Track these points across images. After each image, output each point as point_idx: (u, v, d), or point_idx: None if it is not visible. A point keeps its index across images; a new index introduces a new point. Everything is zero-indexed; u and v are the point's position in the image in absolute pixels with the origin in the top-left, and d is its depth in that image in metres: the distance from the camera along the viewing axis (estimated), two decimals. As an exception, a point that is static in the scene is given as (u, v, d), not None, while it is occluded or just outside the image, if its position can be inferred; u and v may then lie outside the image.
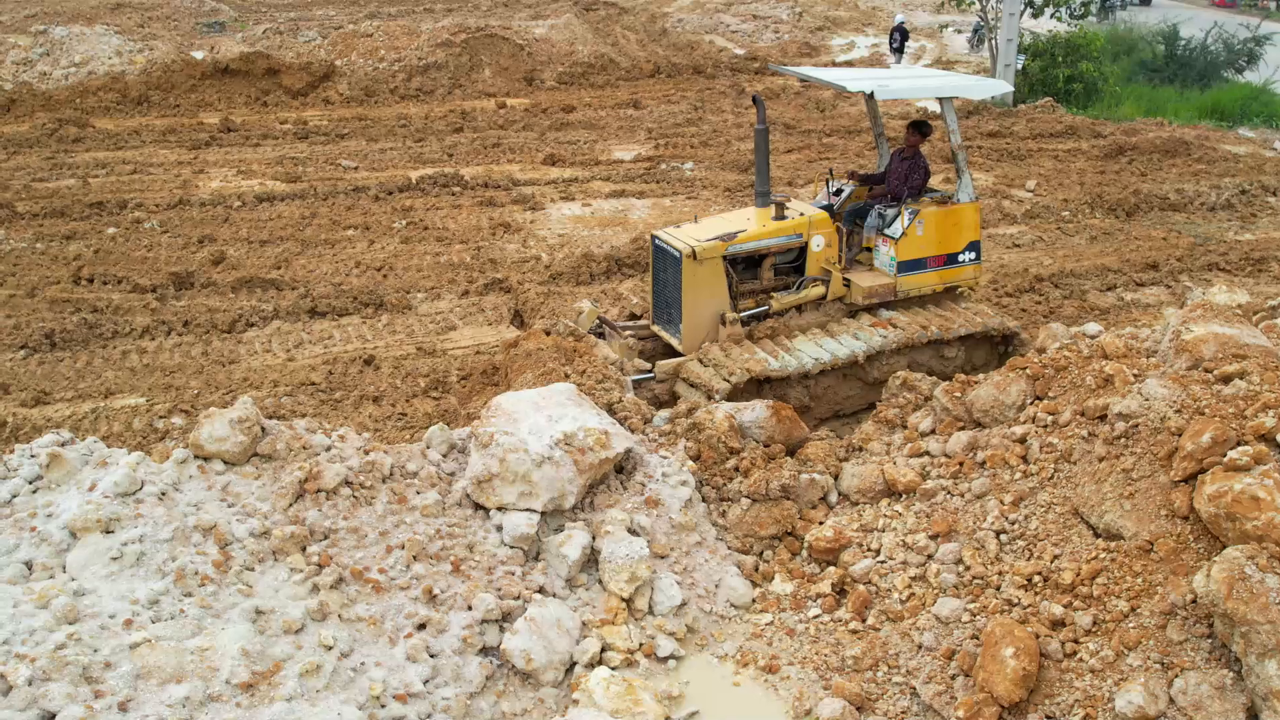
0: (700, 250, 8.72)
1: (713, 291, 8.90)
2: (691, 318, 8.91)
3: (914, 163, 9.62)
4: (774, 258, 9.29)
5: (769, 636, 6.78)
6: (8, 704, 4.83)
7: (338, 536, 6.44)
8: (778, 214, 9.21)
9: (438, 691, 5.96)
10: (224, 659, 5.39)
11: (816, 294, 9.30)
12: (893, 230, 9.26)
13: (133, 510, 6.10)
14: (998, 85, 10.26)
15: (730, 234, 8.95)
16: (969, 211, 9.50)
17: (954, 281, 9.67)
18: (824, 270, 9.34)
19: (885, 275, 9.37)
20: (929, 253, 9.34)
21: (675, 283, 8.89)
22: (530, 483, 6.57)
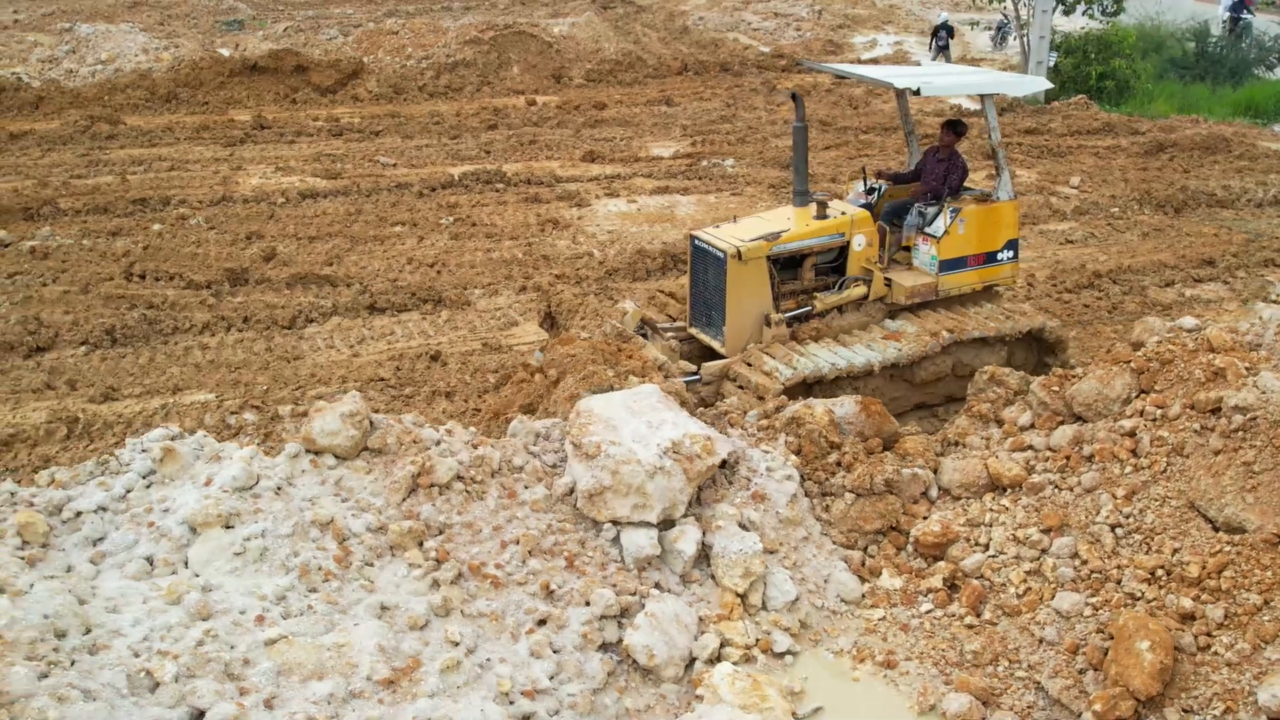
0: (745, 250, 8.62)
1: (756, 292, 8.80)
2: (735, 320, 8.79)
3: (952, 162, 9.53)
4: (815, 258, 9.21)
5: (883, 631, 6.71)
6: (156, 701, 4.75)
7: (452, 531, 6.37)
8: (819, 213, 9.12)
9: (563, 688, 5.88)
10: (361, 655, 5.31)
11: (858, 294, 9.21)
12: (934, 229, 9.20)
13: (251, 505, 6.02)
14: (1038, 82, 10.22)
15: (774, 234, 8.86)
16: (1008, 210, 9.44)
17: (993, 280, 9.61)
18: (865, 270, 9.25)
19: (926, 274, 9.31)
20: (969, 251, 9.29)
21: (718, 284, 8.76)
22: (644, 495, 6.48)
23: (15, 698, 4.35)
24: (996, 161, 9.39)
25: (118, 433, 9.27)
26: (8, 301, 11.95)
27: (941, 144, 9.59)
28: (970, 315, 9.35)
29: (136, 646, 5.00)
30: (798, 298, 9.19)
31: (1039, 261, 13.02)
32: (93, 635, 4.95)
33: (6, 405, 9.77)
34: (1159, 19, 23.20)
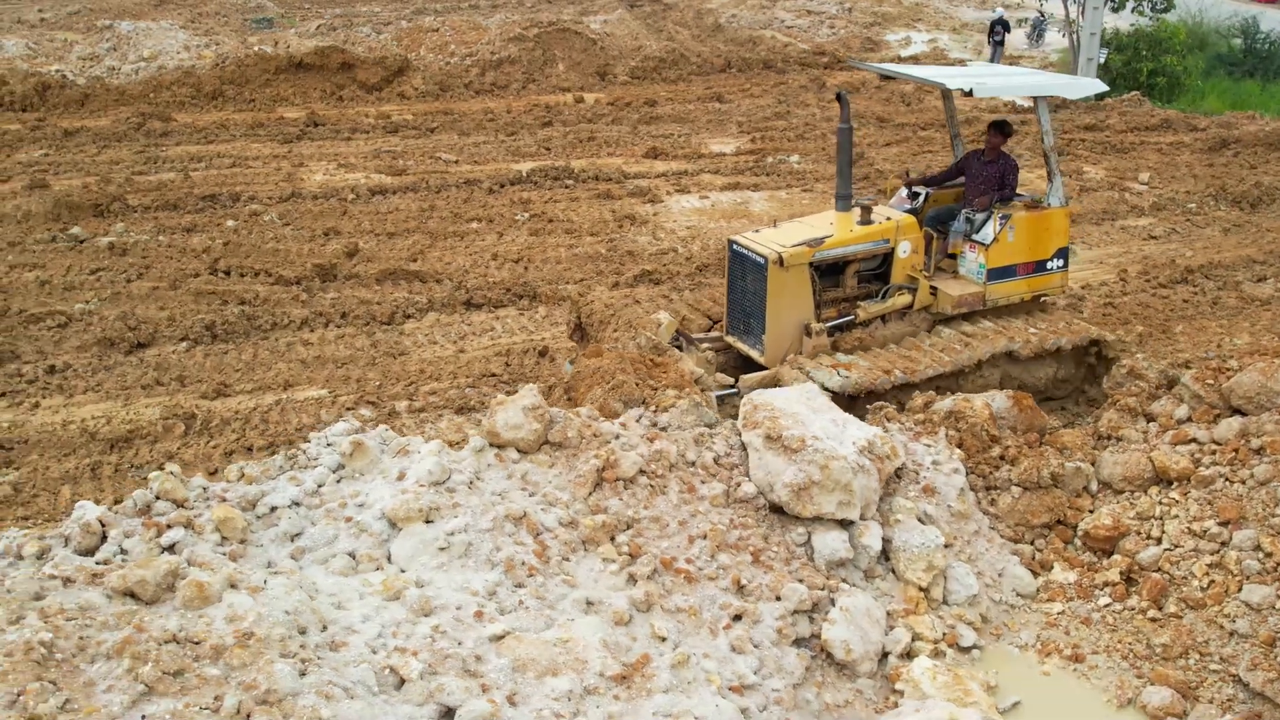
0: (787, 256, 8.22)
1: (798, 300, 8.41)
2: (776, 328, 8.41)
3: (1003, 164, 9.15)
4: (858, 264, 8.79)
5: (1064, 625, 6.66)
6: (405, 698, 4.66)
7: (641, 526, 6.28)
8: (863, 218, 8.70)
9: (766, 683, 5.81)
10: (589, 651, 5.22)
11: (903, 303, 8.84)
12: (983, 236, 8.80)
13: (448, 500, 5.93)
14: (1093, 84, 9.75)
15: (817, 239, 8.47)
16: (1059, 217, 9.03)
17: (1042, 290, 9.20)
18: (910, 278, 8.85)
19: (973, 283, 8.89)
20: (1019, 259, 8.89)
21: (759, 291, 8.38)
22: (850, 492, 6.41)
23: (283, 695, 4.25)
24: (1049, 166, 8.97)
25: (236, 429, 9.17)
26: (96, 298, 11.83)
27: (988, 146, 9.22)
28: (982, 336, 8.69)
29: (373, 643, 4.92)
30: (839, 306, 8.79)
31: (1127, 257, 12.98)
32: (330, 632, 4.86)
33: (117, 401, 9.66)
34: (1201, 16, 23.20)
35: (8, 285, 12.20)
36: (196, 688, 4.22)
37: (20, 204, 14.59)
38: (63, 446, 8.94)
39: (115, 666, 4.28)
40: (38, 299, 11.77)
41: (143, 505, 5.72)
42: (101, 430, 9.11)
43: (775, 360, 8.43)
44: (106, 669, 4.28)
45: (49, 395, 9.77)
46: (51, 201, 14.53)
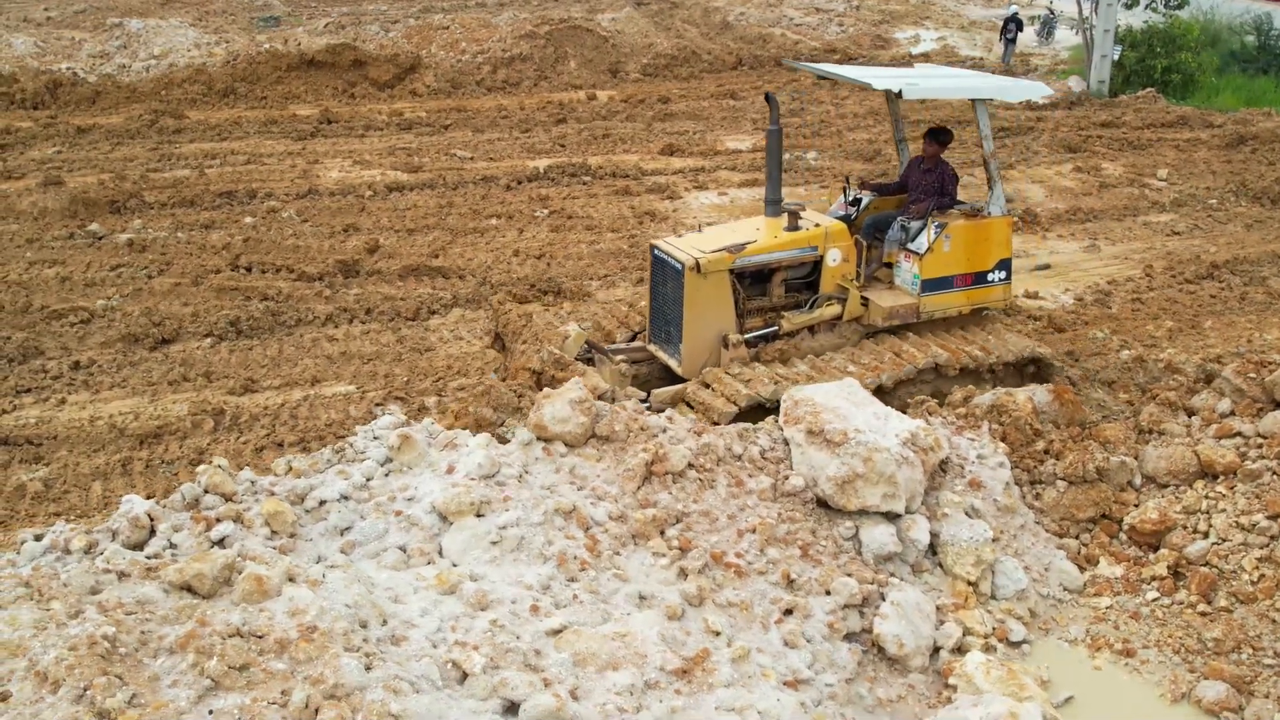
0: (705, 263, 7.86)
1: (717, 309, 8.03)
2: (693, 337, 8.02)
3: (941, 171, 8.83)
4: (785, 272, 8.42)
5: (1113, 620, 6.60)
6: (468, 693, 4.59)
7: (690, 520, 6.23)
8: (791, 224, 8.30)
9: (819, 677, 5.75)
10: (647, 645, 5.16)
11: (831, 314, 8.42)
12: (917, 245, 8.43)
13: (499, 493, 5.88)
14: (1036, 88, 9.12)
15: (738, 245, 8.10)
16: (1000, 227, 8.62)
17: (982, 303, 8.77)
18: (840, 288, 8.46)
19: (907, 294, 8.51)
20: (956, 270, 8.50)
21: (676, 298, 8.02)
22: (894, 484, 6.35)
23: (350, 690, 4.19)
24: (989, 173, 8.60)
25: (265, 424, 9.11)
26: (118, 294, 11.77)
27: (926, 154, 8.90)
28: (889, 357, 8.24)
29: (433, 637, 4.86)
30: (765, 315, 8.42)
31: (1150, 253, 12.93)
32: (390, 626, 4.80)
33: (144, 397, 9.60)
34: (1213, 13, 23.17)
35: (28, 282, 12.14)
36: (263, 682, 4.16)
37: (36, 201, 14.54)
38: (92, 442, 8.88)
39: (179, 661, 4.22)
40: (59, 295, 11.72)
41: (191, 499, 5.67)
42: (130, 426, 9.05)
43: (693, 371, 8.04)
44: (170, 663, 4.22)
45: (75, 391, 9.71)
46: (68, 198, 14.48)
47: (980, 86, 8.65)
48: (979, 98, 8.45)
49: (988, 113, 8.57)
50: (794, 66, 9.91)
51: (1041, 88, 9.15)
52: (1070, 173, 16.09)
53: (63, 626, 4.31)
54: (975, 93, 8.49)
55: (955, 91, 9.07)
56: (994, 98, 8.72)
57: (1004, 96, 9.17)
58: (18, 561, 5.33)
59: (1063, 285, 11.93)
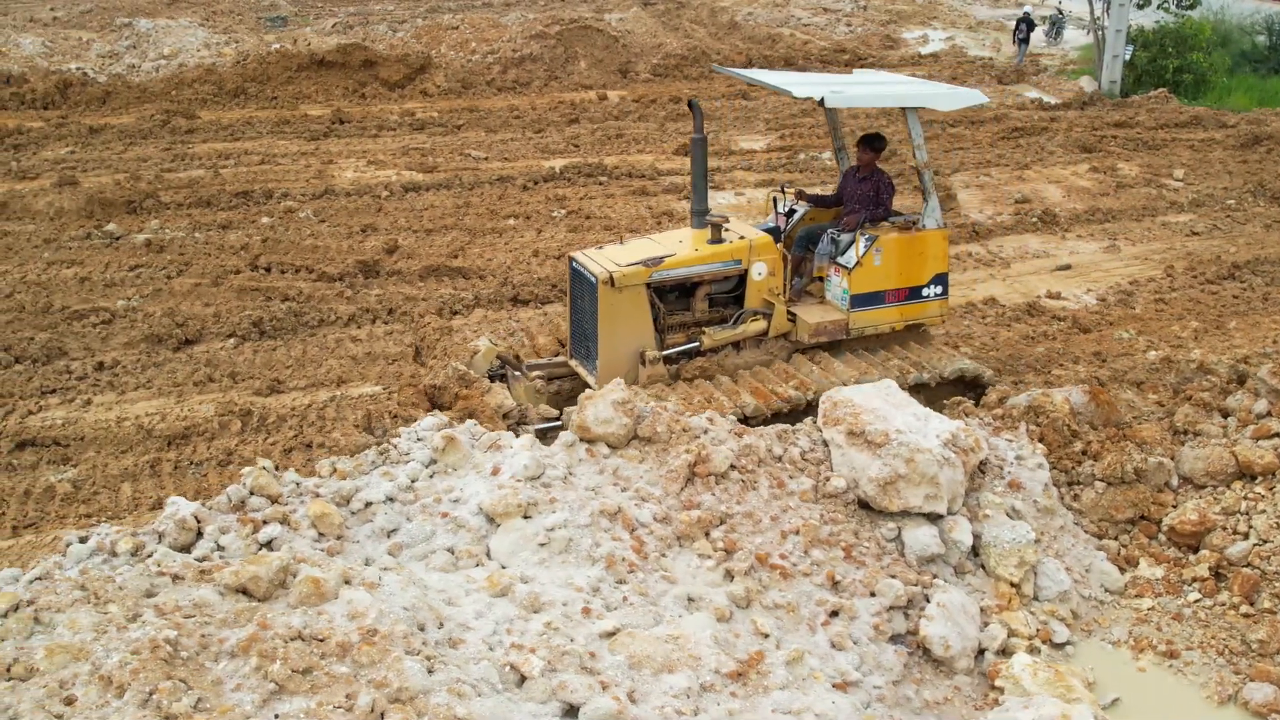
0: (619, 277, 7.60)
1: (634, 324, 7.74)
2: (609, 353, 7.75)
3: (876, 180, 8.55)
4: (709, 286, 8.13)
5: (1155, 621, 6.58)
6: (525, 696, 4.57)
7: (734, 521, 6.20)
8: (714, 236, 8.05)
9: (867, 679, 5.73)
10: (700, 648, 5.13)
11: (756, 329, 8.14)
12: (846, 259, 8.16)
13: (545, 495, 5.85)
14: (972, 95, 8.51)
15: (656, 258, 7.83)
16: (936, 239, 8.36)
17: (917, 319, 8.49)
18: (766, 302, 8.17)
19: (837, 310, 8.26)
20: (888, 285, 8.23)
21: (592, 312, 7.77)
22: (936, 485, 6.33)
23: (415, 693, 4.17)
24: (923, 184, 8.32)
25: (293, 425, 9.08)
26: (138, 295, 11.74)
27: (860, 162, 8.65)
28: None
29: (489, 640, 4.83)
30: (688, 331, 8.14)
31: (1171, 253, 12.92)
32: (446, 629, 4.77)
33: (170, 398, 9.58)
34: (1222, 13, 23.18)
35: (47, 282, 12.11)
36: (327, 686, 4.13)
37: (52, 201, 14.52)
38: (119, 443, 8.85)
39: (242, 664, 4.19)
40: (79, 296, 11.70)
41: (237, 501, 5.64)
42: (157, 427, 9.03)
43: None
44: (233, 667, 4.19)
45: (100, 392, 9.69)
46: (84, 198, 14.46)
47: (910, 94, 8.33)
48: (909, 106, 8.13)
49: (919, 121, 8.21)
50: (720, 72, 9.63)
51: (978, 95, 8.54)
52: (1086, 173, 16.08)
53: (123, 630, 4.28)
54: (904, 101, 8.19)
55: (883, 100, 8.60)
56: (925, 106, 8.31)
57: (936, 105, 8.49)
58: (64, 564, 5.31)
59: (1084, 285, 11.92)
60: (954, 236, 13.26)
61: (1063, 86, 22.00)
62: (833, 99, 7.59)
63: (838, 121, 9.41)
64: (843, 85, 8.24)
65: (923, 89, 8.69)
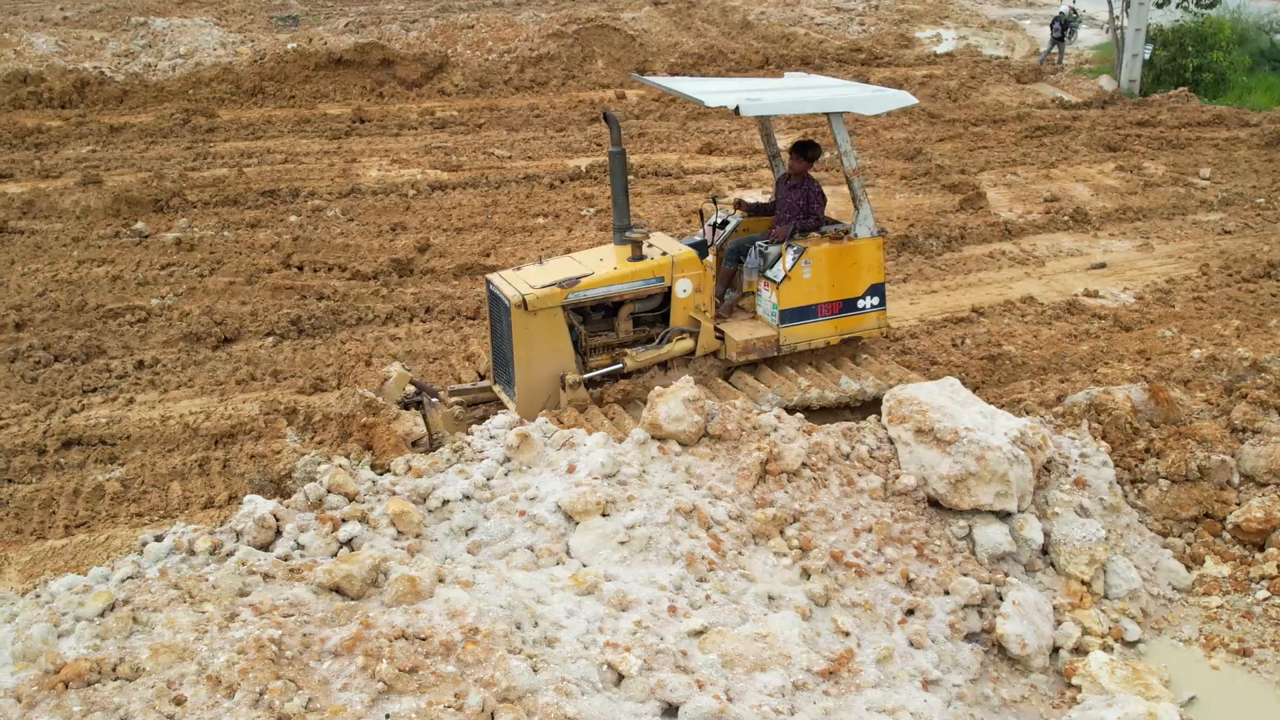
0: (532, 299, 7.31)
1: (551, 347, 7.47)
2: (527, 378, 7.47)
3: (807, 189, 8.26)
4: (632, 306, 7.86)
5: (1225, 619, 6.55)
6: (626, 695, 4.53)
7: (808, 519, 6.17)
8: (635, 254, 7.75)
9: (946, 677, 5.70)
10: (790, 646, 5.10)
11: (682, 349, 7.87)
12: (774, 272, 7.85)
13: (623, 492, 5.81)
14: (899, 97, 8.05)
15: (572, 279, 7.54)
16: (870, 249, 8.01)
17: (853, 332, 8.18)
18: (693, 320, 7.91)
19: (767, 326, 7.96)
20: (820, 299, 7.91)
21: (508, 336, 7.49)
22: (1006, 483, 6.30)
23: (522, 693, 4.13)
24: (853, 192, 7.98)
25: (339, 423, 9.01)
26: (172, 293, 11.69)
27: (792, 170, 8.36)
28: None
29: (583, 639, 4.79)
30: (614, 352, 7.86)
31: (1204, 252, 12.90)
32: (541, 628, 4.73)
33: (213, 397, 9.53)
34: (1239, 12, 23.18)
35: (79, 280, 12.07)
36: (434, 685, 4.09)
37: (79, 200, 14.47)
38: (165, 442, 8.81)
39: (347, 664, 4.15)
40: (113, 294, 11.65)
41: (315, 499, 5.61)
42: (203, 426, 8.98)
43: (530, 414, 7.41)
44: (338, 666, 4.15)
45: (142, 391, 9.64)
46: (110, 197, 14.41)
47: (832, 99, 7.89)
48: (831, 111, 7.76)
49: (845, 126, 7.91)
50: (640, 81, 9.23)
51: (906, 97, 8.09)
52: (1112, 171, 16.07)
53: (225, 629, 4.24)
54: (825, 106, 7.76)
55: (802, 105, 8.00)
56: (849, 111, 7.87)
57: (860, 109, 7.94)
58: (143, 563, 5.27)
59: (1120, 284, 11.89)
60: (986, 234, 13.27)
61: (1082, 86, 21.98)
62: (748, 107, 7.19)
63: (769, 129, 9.05)
64: (760, 92, 7.82)
65: (845, 92, 8.19)
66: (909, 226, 13.31)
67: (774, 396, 7.54)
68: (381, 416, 7.01)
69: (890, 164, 16.38)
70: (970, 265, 12.35)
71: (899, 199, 14.81)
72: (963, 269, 12.25)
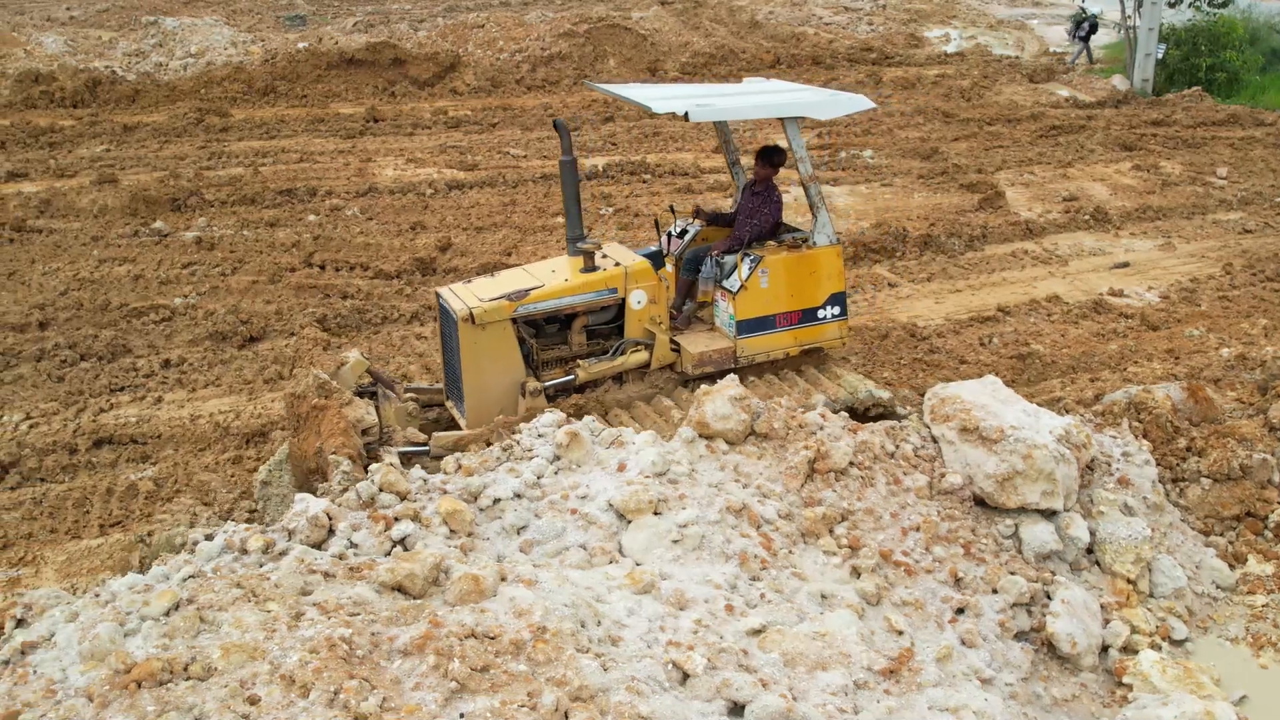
0: (479, 313, 7.15)
1: (501, 362, 7.29)
2: (476, 394, 7.28)
3: (767, 196, 8.09)
4: (586, 318, 7.69)
5: (1272, 618, 6.54)
6: (692, 694, 4.51)
7: (856, 518, 6.16)
8: (587, 265, 7.61)
9: (999, 676, 5.68)
10: (849, 645, 5.08)
11: (637, 361, 7.70)
12: (730, 282, 7.72)
13: (674, 491, 5.80)
14: (856, 101, 7.79)
15: (520, 291, 7.38)
16: (829, 257, 7.80)
17: (813, 342, 7.98)
18: (648, 332, 7.75)
19: (724, 337, 7.80)
20: (778, 309, 7.73)
21: (457, 350, 7.34)
22: (1053, 481, 6.29)
23: (594, 691, 4.11)
24: (810, 199, 7.76)
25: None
26: (194, 292, 11.66)
27: (757, 176, 8.15)
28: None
29: (645, 637, 4.77)
30: (566, 365, 7.73)
31: (1226, 251, 12.89)
32: (604, 626, 4.72)
33: (241, 395, 9.51)
34: (1250, 11, 23.19)
35: (100, 279, 12.04)
36: (506, 684, 4.07)
37: (95, 199, 14.44)
38: (197, 441, 8.78)
39: (418, 663, 4.13)
40: (135, 293, 11.62)
41: (367, 498, 5.59)
42: (233, 424, 8.95)
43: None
44: (409, 665, 4.14)
45: (170, 389, 9.61)
46: (127, 196, 14.37)
47: (785, 104, 7.64)
48: (785, 116, 7.56)
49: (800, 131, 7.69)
50: (592, 88, 9.07)
51: (863, 101, 7.84)
52: (1129, 171, 16.06)
53: (293, 628, 4.22)
54: (778, 111, 7.54)
55: (754, 110, 7.75)
56: (803, 115, 7.64)
57: (814, 114, 7.72)
58: (195, 561, 5.25)
59: (1145, 283, 11.88)
60: (1007, 234, 13.25)
61: (1094, 85, 21.97)
62: (697, 113, 6.99)
63: (728, 134, 8.89)
64: (710, 97, 7.67)
65: (799, 97, 7.91)
66: (930, 226, 13.29)
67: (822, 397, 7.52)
68: (334, 400, 6.83)
69: (907, 163, 16.36)
70: (993, 264, 12.33)
71: (917, 198, 14.79)
72: (986, 268, 12.23)
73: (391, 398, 7.58)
